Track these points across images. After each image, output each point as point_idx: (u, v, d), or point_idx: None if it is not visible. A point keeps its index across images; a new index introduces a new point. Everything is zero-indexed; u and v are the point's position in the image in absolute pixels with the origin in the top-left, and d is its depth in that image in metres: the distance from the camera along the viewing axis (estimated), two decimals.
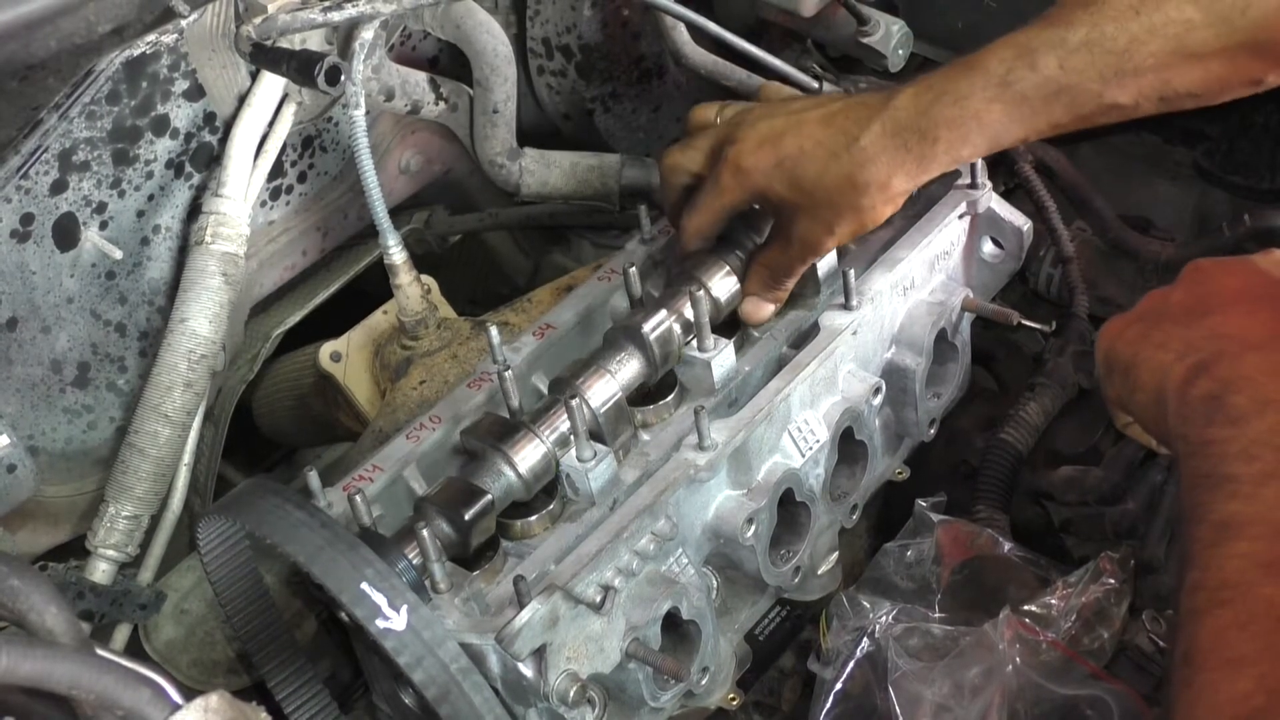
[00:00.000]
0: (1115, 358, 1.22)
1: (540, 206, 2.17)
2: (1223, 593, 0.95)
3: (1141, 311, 1.23)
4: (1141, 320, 1.21)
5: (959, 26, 2.16)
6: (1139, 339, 1.19)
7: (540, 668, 1.22)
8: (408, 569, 1.24)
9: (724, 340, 1.48)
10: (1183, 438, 1.08)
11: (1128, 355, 1.20)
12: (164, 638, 1.65)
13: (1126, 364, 1.20)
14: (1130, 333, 1.21)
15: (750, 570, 1.43)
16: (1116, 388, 1.23)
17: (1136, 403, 1.19)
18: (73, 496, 1.73)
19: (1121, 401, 1.23)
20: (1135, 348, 1.19)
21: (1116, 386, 1.22)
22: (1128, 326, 1.23)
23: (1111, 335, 1.24)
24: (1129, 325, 1.22)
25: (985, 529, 1.53)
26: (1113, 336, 1.24)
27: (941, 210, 1.63)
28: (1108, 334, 1.25)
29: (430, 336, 1.80)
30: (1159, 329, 1.18)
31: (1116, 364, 1.22)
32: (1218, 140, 2.01)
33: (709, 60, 2.14)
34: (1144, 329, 1.20)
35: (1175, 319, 1.17)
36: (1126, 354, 1.20)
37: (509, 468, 1.36)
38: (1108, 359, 1.24)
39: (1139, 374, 1.17)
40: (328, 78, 1.54)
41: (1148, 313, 1.22)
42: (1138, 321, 1.22)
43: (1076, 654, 1.37)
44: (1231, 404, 1.04)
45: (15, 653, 0.89)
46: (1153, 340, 1.17)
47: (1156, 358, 1.15)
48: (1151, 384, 1.15)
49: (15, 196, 1.52)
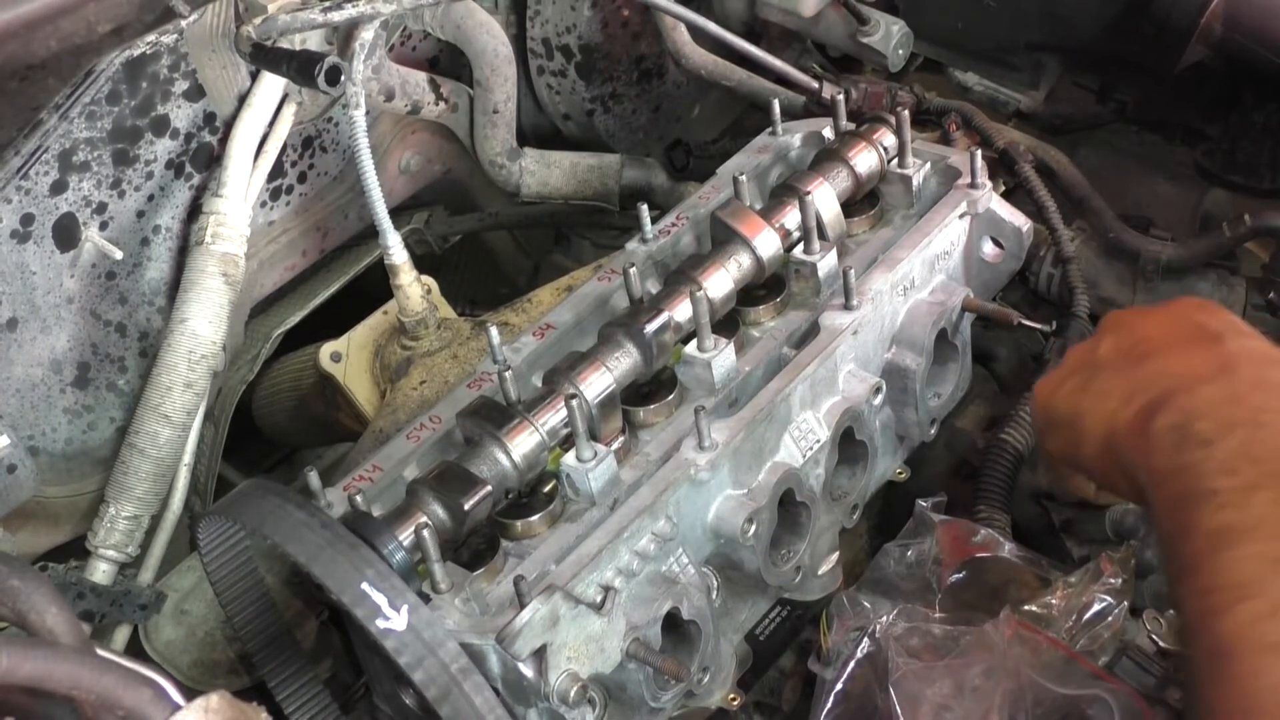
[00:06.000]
0: (1055, 413, 1.25)
1: (540, 206, 2.17)
2: (1242, 590, 0.98)
3: (1071, 367, 1.26)
4: (1074, 374, 1.24)
5: (959, 26, 2.16)
6: (1077, 392, 1.22)
7: (541, 668, 1.22)
8: (397, 549, 1.24)
9: (724, 340, 1.48)
10: (1150, 469, 1.11)
11: (1068, 409, 1.23)
12: (164, 638, 1.65)
13: (1068, 418, 1.23)
14: (1066, 388, 1.24)
15: (751, 570, 1.43)
16: (1060, 443, 1.26)
17: (1083, 454, 1.22)
18: (73, 497, 1.73)
19: (1065, 455, 1.26)
20: (1075, 401, 1.22)
21: (1059, 442, 1.26)
22: (1061, 383, 1.26)
23: (1047, 393, 1.28)
24: (1062, 382, 1.26)
25: (986, 529, 1.52)
26: (1048, 394, 1.27)
27: (942, 210, 1.63)
28: (1042, 393, 1.29)
29: (430, 337, 1.80)
30: (1097, 380, 1.21)
31: (1057, 420, 1.25)
32: (1218, 140, 2.01)
33: (709, 60, 2.15)
34: (1080, 382, 1.23)
35: (1113, 368, 1.20)
36: (1066, 409, 1.23)
37: (503, 454, 1.36)
38: (1047, 416, 1.27)
39: (1083, 424, 1.20)
40: (328, 78, 1.54)
41: (1079, 366, 1.25)
42: (1071, 376, 1.25)
43: (1076, 654, 1.37)
44: (1198, 430, 1.07)
45: (16, 653, 0.89)
46: (1092, 391, 1.20)
47: (1100, 407, 1.18)
48: (1098, 431, 1.18)
49: (15, 197, 1.53)
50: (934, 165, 1.69)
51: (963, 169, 1.66)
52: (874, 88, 2.02)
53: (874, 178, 1.66)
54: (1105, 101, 2.12)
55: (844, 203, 1.63)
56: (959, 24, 2.15)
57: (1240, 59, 1.86)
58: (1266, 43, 1.83)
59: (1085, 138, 2.15)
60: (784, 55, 2.18)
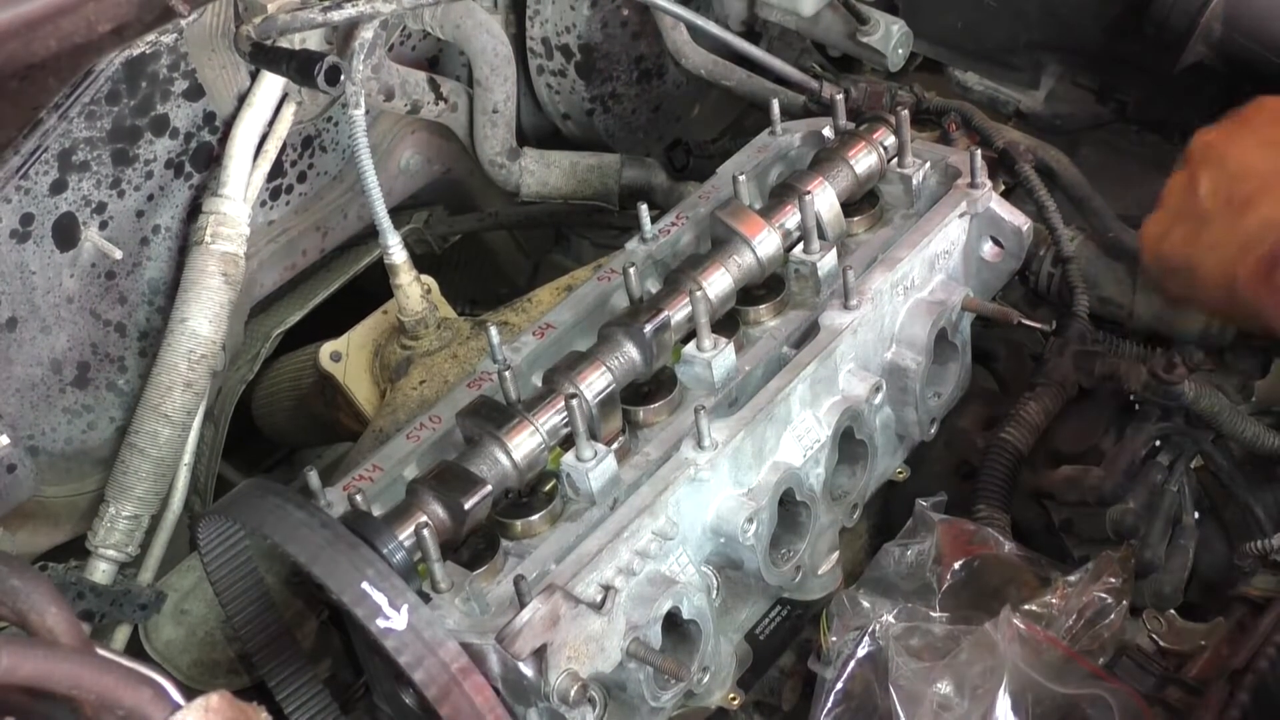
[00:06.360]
0: (1167, 261, 1.31)
1: (540, 206, 2.17)
2: None
3: (1176, 210, 1.31)
4: (1180, 220, 1.29)
5: (959, 26, 2.16)
6: (1188, 242, 1.28)
7: (541, 667, 1.22)
8: (397, 549, 1.24)
9: (724, 340, 1.48)
10: None
11: (1180, 259, 1.29)
12: (164, 638, 1.65)
13: (1182, 266, 1.29)
14: (1175, 237, 1.29)
15: (751, 570, 1.43)
16: (1176, 287, 1.32)
17: (1202, 296, 1.29)
18: (73, 496, 1.73)
19: (1182, 297, 1.34)
20: (1186, 251, 1.28)
21: (1175, 286, 1.32)
22: (1168, 230, 1.30)
23: (1155, 239, 1.33)
24: (1169, 228, 1.30)
25: (986, 529, 1.52)
26: (1156, 240, 1.32)
27: (941, 210, 1.63)
28: (1151, 238, 1.33)
29: (430, 336, 1.80)
30: (1206, 231, 1.26)
31: (1171, 267, 1.31)
32: None
33: (709, 60, 2.15)
34: (1189, 232, 1.28)
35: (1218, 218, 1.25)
36: (1178, 257, 1.29)
37: (503, 454, 1.36)
38: (1160, 263, 1.33)
39: (1199, 273, 1.26)
40: (327, 78, 1.54)
41: (1183, 211, 1.29)
42: (1177, 223, 1.29)
43: (1076, 654, 1.37)
44: None
45: (16, 653, 0.89)
46: (1204, 243, 1.26)
47: (1214, 258, 1.25)
48: (1217, 280, 1.25)
49: (15, 196, 1.52)
50: (934, 165, 1.69)
51: (962, 169, 1.66)
52: (874, 87, 2.02)
53: (874, 177, 1.66)
54: (1105, 101, 2.12)
55: (844, 202, 1.63)
56: (959, 24, 2.15)
57: (1240, 59, 1.86)
58: (1266, 43, 1.83)
59: (1085, 138, 2.14)
60: (784, 55, 2.18)
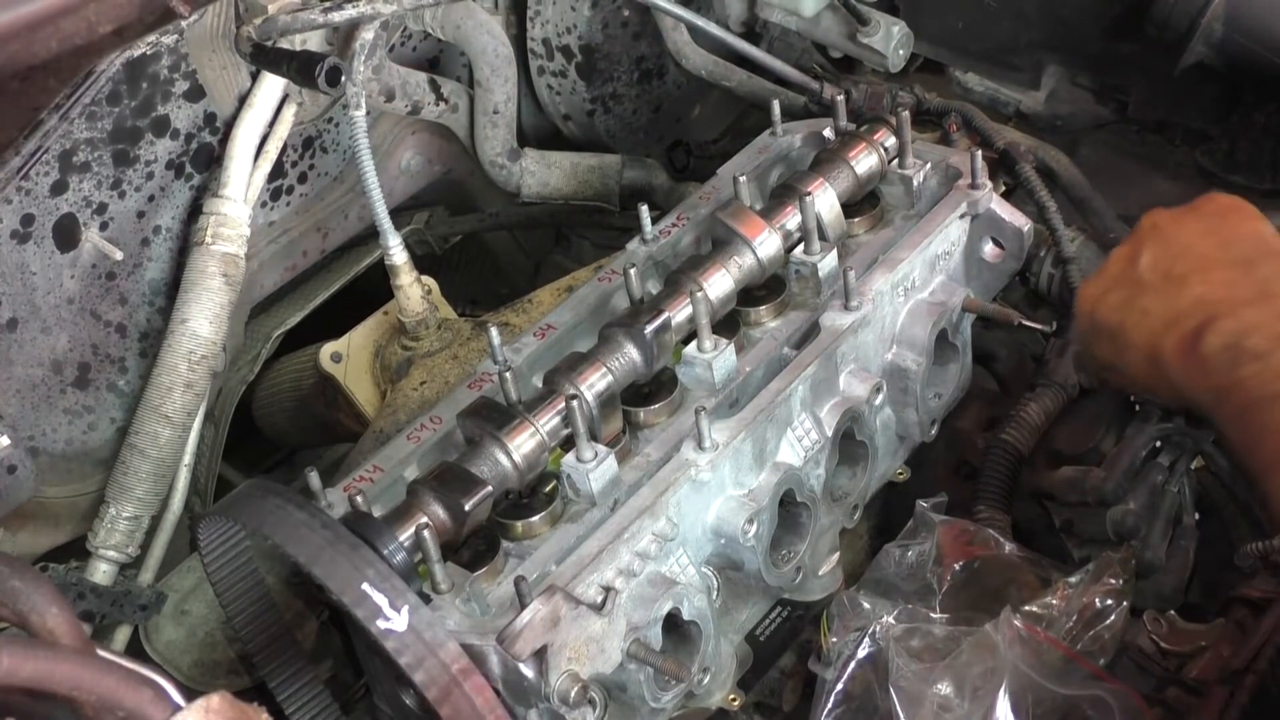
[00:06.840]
0: (1099, 323, 1.33)
1: (540, 207, 2.17)
2: None
3: (1115, 276, 1.33)
4: (1118, 286, 1.31)
5: (959, 26, 2.16)
6: (1121, 306, 1.30)
7: (541, 668, 1.22)
8: (398, 550, 1.24)
9: (724, 340, 1.48)
10: (1207, 388, 1.19)
11: (1113, 322, 1.31)
12: (165, 639, 1.65)
13: (1112, 330, 1.31)
14: (1110, 300, 1.31)
15: (751, 571, 1.43)
16: (1104, 350, 1.34)
17: (1126, 362, 1.30)
18: (73, 497, 1.73)
19: (1108, 361, 1.34)
20: (1119, 315, 1.30)
21: (1104, 349, 1.34)
22: (1105, 293, 1.33)
23: (1091, 301, 1.35)
24: (1106, 292, 1.33)
25: (986, 529, 1.52)
26: (1093, 302, 1.34)
27: (942, 211, 1.63)
28: (1086, 300, 1.36)
29: (431, 337, 1.80)
30: (1140, 298, 1.28)
31: (1102, 329, 1.33)
32: (1218, 140, 2.01)
33: (709, 61, 2.15)
34: (1124, 297, 1.30)
35: (1154, 289, 1.27)
36: (1111, 321, 1.31)
37: (504, 454, 1.36)
38: (1092, 324, 1.35)
39: (1128, 338, 1.28)
40: (328, 78, 1.54)
41: (1122, 278, 1.31)
42: (1115, 288, 1.32)
43: (1077, 654, 1.37)
44: (1249, 346, 1.16)
45: (17, 654, 0.88)
46: (1136, 308, 1.28)
47: (1144, 325, 1.26)
48: (1143, 346, 1.26)
49: (16, 197, 1.52)
50: (934, 166, 1.69)
51: (963, 169, 1.66)
52: (875, 88, 2.02)
53: (874, 178, 1.66)
54: (1106, 102, 2.13)
55: (844, 203, 1.63)
56: (959, 24, 2.16)
57: (1240, 59, 1.86)
58: (1266, 43, 1.83)
59: (1086, 138, 2.15)
60: (784, 56, 2.18)
